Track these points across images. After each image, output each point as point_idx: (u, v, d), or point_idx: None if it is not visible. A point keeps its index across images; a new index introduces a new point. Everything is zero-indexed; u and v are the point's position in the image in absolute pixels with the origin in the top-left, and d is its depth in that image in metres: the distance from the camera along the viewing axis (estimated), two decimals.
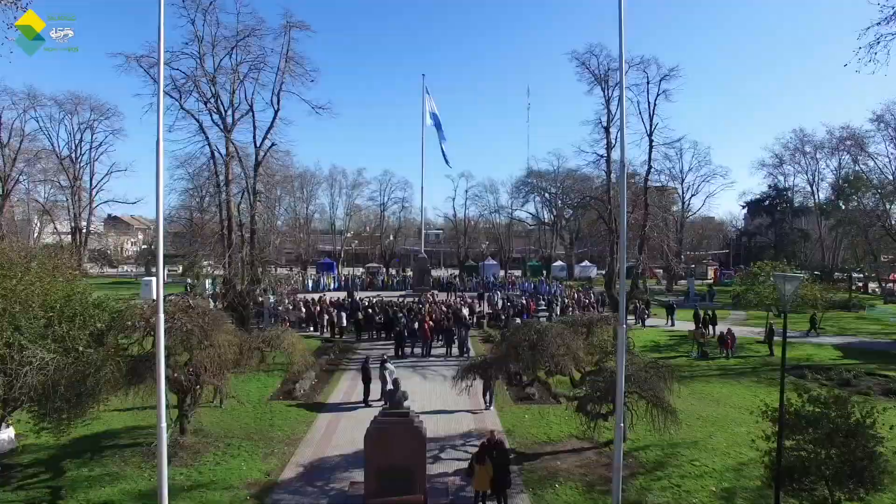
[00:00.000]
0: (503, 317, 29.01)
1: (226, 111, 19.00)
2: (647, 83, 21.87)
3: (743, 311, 34.56)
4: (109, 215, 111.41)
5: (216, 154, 18.30)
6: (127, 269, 72.20)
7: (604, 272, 73.51)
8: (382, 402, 15.65)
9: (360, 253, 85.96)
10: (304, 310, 27.13)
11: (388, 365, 15.52)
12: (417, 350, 22.60)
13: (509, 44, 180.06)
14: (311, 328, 26.72)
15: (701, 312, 28.00)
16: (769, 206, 55.03)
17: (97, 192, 37.87)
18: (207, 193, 18.49)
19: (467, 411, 14.50)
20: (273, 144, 18.50)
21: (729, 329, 22.56)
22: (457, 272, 71.65)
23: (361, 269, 73.79)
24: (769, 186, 56.62)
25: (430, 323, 24.33)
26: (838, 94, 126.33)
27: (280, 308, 26.23)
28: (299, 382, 16.86)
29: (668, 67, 22.40)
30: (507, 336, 12.05)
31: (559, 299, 33.55)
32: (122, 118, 37.19)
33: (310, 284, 44.20)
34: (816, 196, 57.60)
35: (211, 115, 18.14)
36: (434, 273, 46.72)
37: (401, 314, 25.21)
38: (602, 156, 23.30)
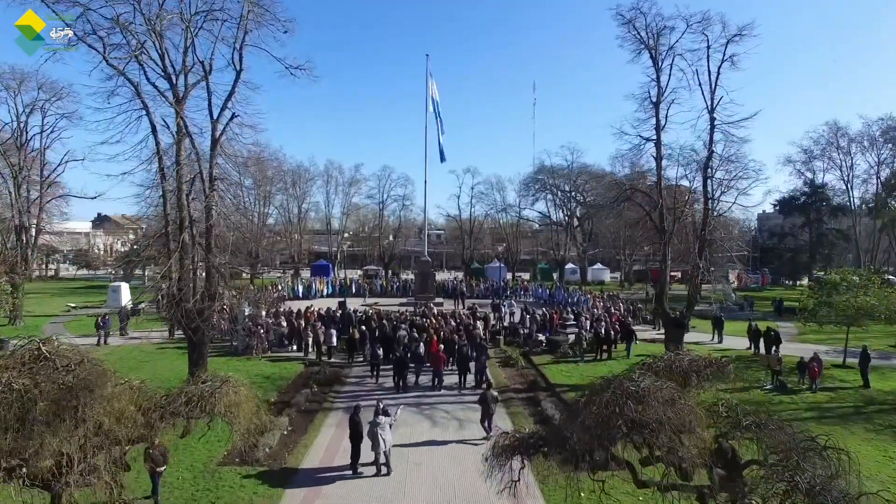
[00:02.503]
0: (522, 331, 24.57)
1: (176, 75, 14.42)
2: (708, 47, 17.22)
3: (789, 323, 30.16)
4: (99, 214, 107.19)
5: (161, 127, 13.72)
6: (111, 272, 67.12)
7: (618, 276, 69.28)
8: (374, 470, 11.19)
9: (357, 254, 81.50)
10: (286, 324, 22.60)
11: (383, 419, 11.02)
12: (424, 378, 18.08)
13: (512, 40, 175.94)
14: (295, 347, 22.22)
15: (755, 325, 23.57)
16: (803, 204, 50.56)
17: (48, 186, 33.20)
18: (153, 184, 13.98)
19: None
20: (235, 116, 13.90)
21: (815, 354, 18.03)
22: (460, 274, 67.27)
23: (359, 272, 69.35)
24: (804, 183, 52.16)
25: (439, 344, 19.82)
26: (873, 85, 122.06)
27: (258, 324, 21.72)
28: (265, 435, 12.33)
29: (738, 26, 17.63)
30: (583, 403, 7.45)
31: (584, 310, 29.08)
32: (78, 98, 32.25)
33: (300, 290, 39.62)
34: (851, 194, 53.26)
35: (147, 76, 13.59)
36: (437, 276, 42.18)
37: (402, 330, 20.69)
38: (649, 139, 18.71)
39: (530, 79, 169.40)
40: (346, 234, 77.63)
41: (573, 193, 52.13)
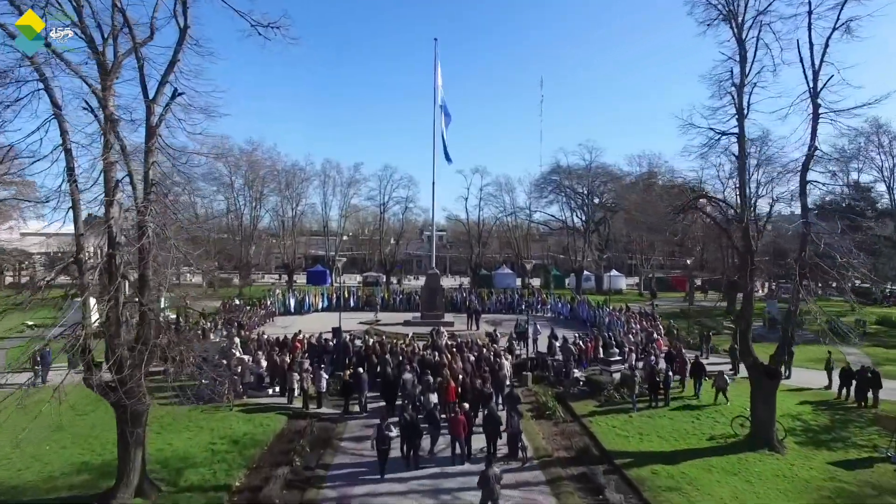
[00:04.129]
0: (551, 362, 20.34)
1: (104, 42, 10.16)
2: (810, 12, 12.94)
3: (853, 349, 25.99)
4: (90, 214, 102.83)
5: (75, 111, 9.48)
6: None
7: (636, 282, 64.39)
8: None
9: (357, 258, 77.16)
10: (265, 363, 18.26)
11: None
12: (442, 442, 13.79)
13: (515, 39, 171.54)
14: (277, 389, 17.94)
15: (847, 367, 19.19)
16: (846, 207, 46.17)
17: None
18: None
19: None
20: (178, 94, 9.57)
21: None
22: (466, 280, 62.84)
23: (358, 278, 65.01)
24: (846, 185, 47.76)
25: (457, 390, 15.56)
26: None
27: (230, 363, 17.46)
28: None
29: None
30: None
31: (620, 333, 24.85)
32: None
33: (292, 304, 35.27)
34: (894, 196, 49.00)
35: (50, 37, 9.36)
36: (443, 282, 37.59)
37: (407, 373, 16.37)
38: (726, 132, 14.48)
39: (533, 75, 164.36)
40: (345, 238, 73.33)
41: (591, 196, 47.78)
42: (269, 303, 33.45)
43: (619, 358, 19.27)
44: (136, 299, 10.06)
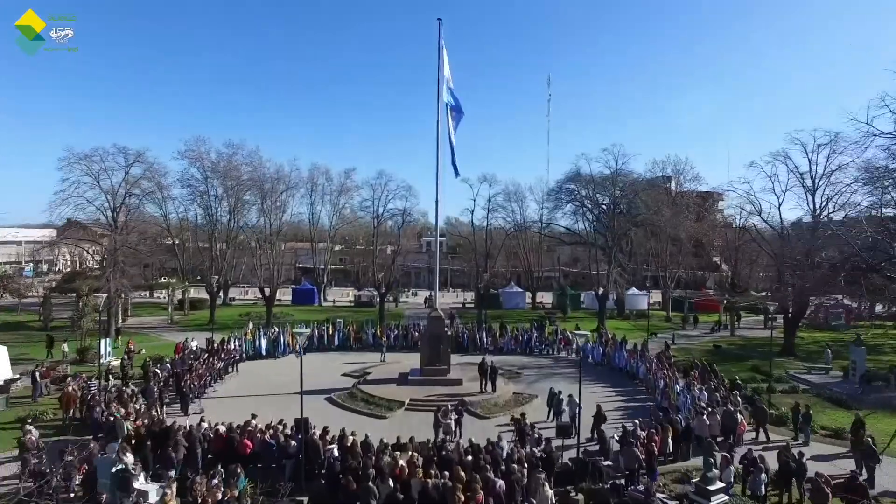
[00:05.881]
0: (605, 469, 14.26)
1: None
2: None
3: None
4: (69, 220, 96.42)
5: None
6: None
7: (656, 300, 57.60)
8: None
9: (349, 269, 70.84)
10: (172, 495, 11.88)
11: None
12: None
13: (517, 37, 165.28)
14: None
15: None
16: None
17: None
18: None
19: None
20: None
21: None
22: (470, 296, 56.50)
23: (350, 295, 58.81)
24: None
25: None
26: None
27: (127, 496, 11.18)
28: None
29: None
30: None
31: (684, 403, 18.71)
32: None
33: (262, 346, 28.96)
34: None
35: None
36: (441, 299, 30.95)
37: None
38: None
39: (535, 77, 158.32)
40: (336, 248, 67.02)
41: (616, 208, 41.54)
42: (233, 346, 27.14)
43: (720, 487, 12.88)
44: None
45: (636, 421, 16.01)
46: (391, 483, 12.16)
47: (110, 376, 21.77)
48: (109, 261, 32.92)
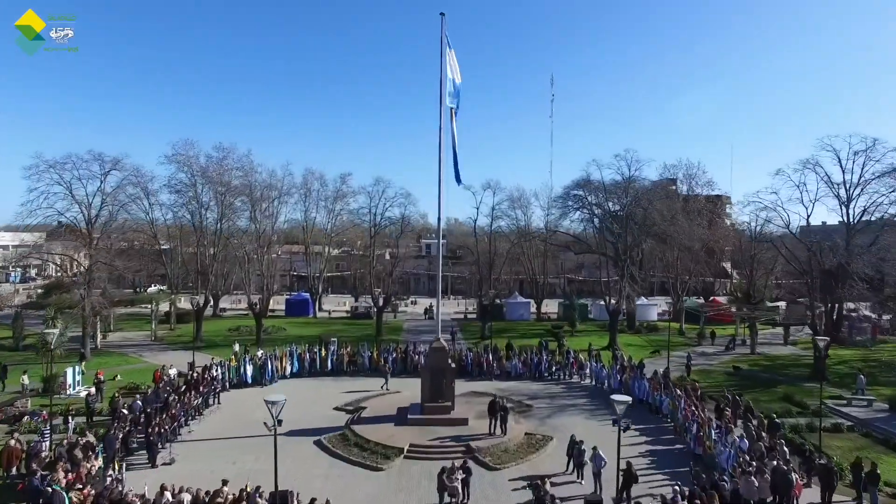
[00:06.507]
0: None
1: None
2: None
3: None
4: (59, 223, 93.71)
5: None
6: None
7: (664, 309, 55.17)
8: None
9: (346, 277, 68.29)
10: None
11: None
12: None
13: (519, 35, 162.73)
14: None
15: None
16: None
17: None
18: None
19: None
20: None
21: None
22: (472, 304, 54.10)
23: (348, 304, 56.34)
24: None
25: None
26: None
27: None
28: None
29: None
30: None
31: (727, 459, 16.24)
32: None
33: (247, 373, 26.44)
34: None
35: None
36: (443, 307, 28.19)
37: None
38: None
39: (535, 77, 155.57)
40: (333, 252, 64.47)
41: (629, 218, 38.97)
42: (214, 373, 24.67)
43: None
44: None
45: (676, 487, 13.58)
46: None
47: (70, 417, 19.24)
48: (84, 277, 30.41)
